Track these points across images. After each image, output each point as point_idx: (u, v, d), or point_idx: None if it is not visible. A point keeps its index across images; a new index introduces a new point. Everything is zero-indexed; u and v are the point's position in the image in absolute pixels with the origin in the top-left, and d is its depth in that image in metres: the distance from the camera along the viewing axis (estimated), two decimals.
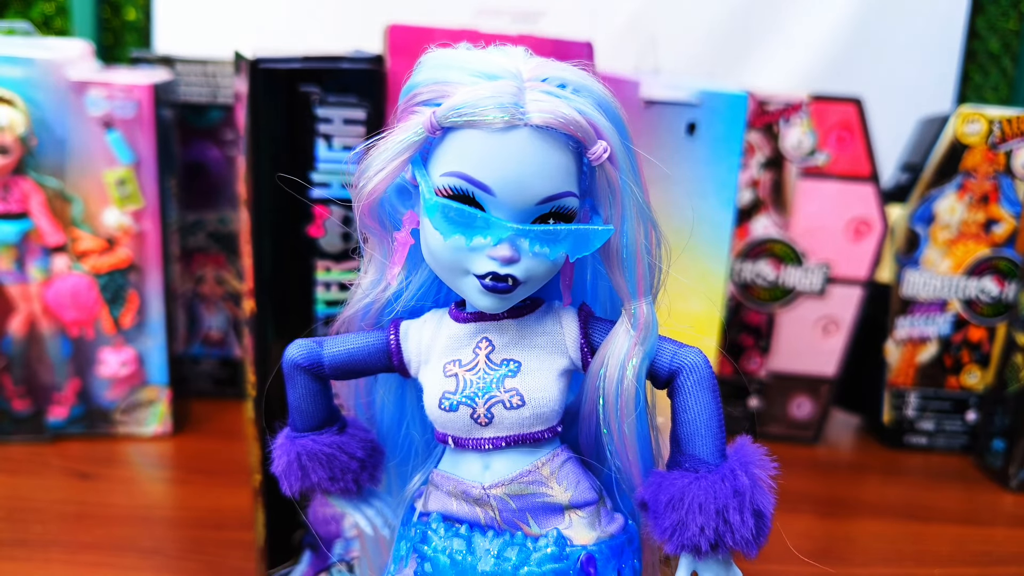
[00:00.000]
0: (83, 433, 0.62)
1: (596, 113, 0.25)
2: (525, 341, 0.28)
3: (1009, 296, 0.68)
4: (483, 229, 0.25)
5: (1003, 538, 0.57)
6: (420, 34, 0.46)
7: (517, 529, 0.28)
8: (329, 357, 0.30)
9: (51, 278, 0.59)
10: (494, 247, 0.25)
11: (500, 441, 0.27)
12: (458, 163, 0.25)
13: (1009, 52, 0.92)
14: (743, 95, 0.49)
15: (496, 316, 0.28)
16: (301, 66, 0.44)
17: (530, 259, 0.26)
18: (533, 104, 0.25)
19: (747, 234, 0.67)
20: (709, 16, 0.89)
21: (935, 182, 0.67)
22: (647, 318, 0.27)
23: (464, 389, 0.28)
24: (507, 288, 0.26)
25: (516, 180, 0.25)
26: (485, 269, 0.26)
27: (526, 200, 0.25)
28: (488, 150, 0.25)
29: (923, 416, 0.71)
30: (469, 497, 0.28)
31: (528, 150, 0.25)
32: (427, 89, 0.26)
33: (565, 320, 0.28)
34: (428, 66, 0.27)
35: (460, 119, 0.25)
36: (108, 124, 0.58)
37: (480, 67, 0.25)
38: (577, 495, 0.28)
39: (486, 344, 0.28)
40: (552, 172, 0.25)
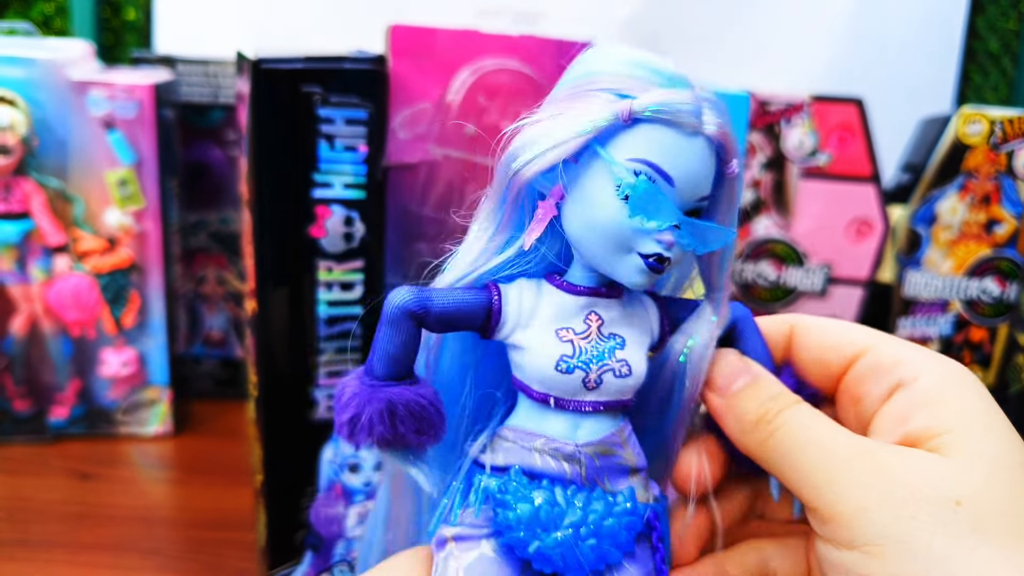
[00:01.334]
0: (84, 433, 0.62)
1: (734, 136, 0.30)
2: (626, 320, 0.31)
3: (1010, 296, 0.68)
4: (663, 215, 0.28)
5: None
6: (422, 34, 0.46)
7: (595, 486, 0.30)
8: (437, 307, 0.31)
9: (52, 278, 0.59)
10: (661, 232, 0.28)
11: (600, 405, 0.30)
12: (647, 152, 0.28)
13: (1009, 52, 0.92)
14: (745, 95, 0.49)
15: (603, 294, 0.31)
16: (303, 66, 0.44)
17: (677, 248, 0.29)
18: (709, 117, 0.29)
19: (748, 234, 0.67)
20: (709, 16, 0.89)
21: (936, 183, 0.67)
22: (726, 313, 0.32)
23: (581, 355, 0.30)
24: (663, 269, 0.29)
25: (692, 178, 0.29)
26: (652, 250, 0.29)
27: (693, 196, 0.29)
28: (676, 148, 0.28)
29: None
30: (560, 453, 0.30)
31: (703, 155, 0.29)
32: (608, 78, 0.29)
33: (647, 302, 0.32)
34: (601, 57, 0.30)
35: (657, 114, 0.28)
36: (109, 124, 0.58)
37: (664, 71, 0.29)
38: (640, 460, 0.31)
39: (596, 318, 0.31)
40: (710, 177, 0.29)
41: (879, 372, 0.29)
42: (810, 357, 0.32)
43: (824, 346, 0.31)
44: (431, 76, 0.46)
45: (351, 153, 0.45)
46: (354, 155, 0.45)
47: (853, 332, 0.31)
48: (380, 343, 0.31)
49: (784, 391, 0.30)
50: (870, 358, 0.29)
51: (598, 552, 0.29)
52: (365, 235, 0.46)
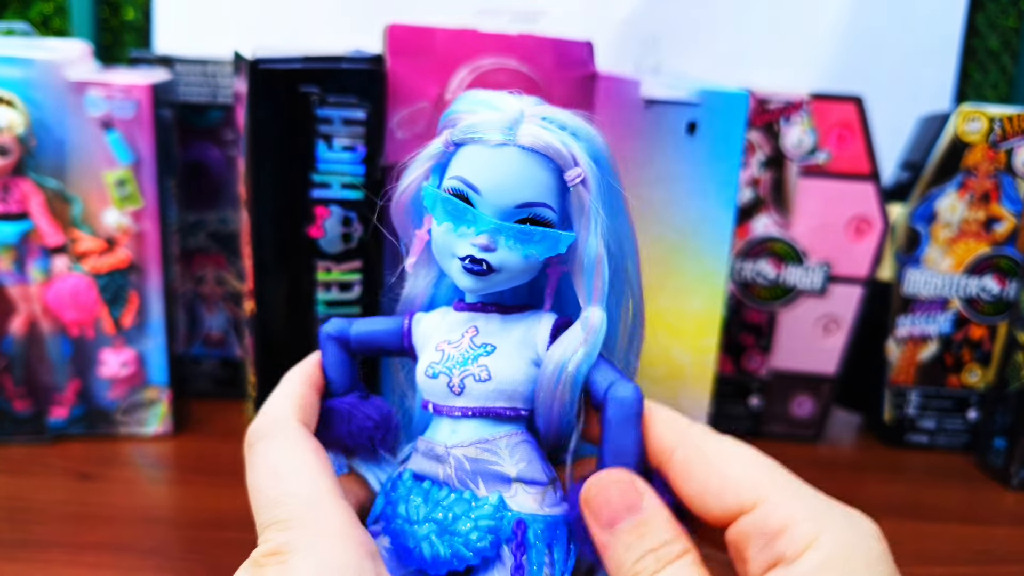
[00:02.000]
0: (84, 434, 0.62)
1: (578, 148, 0.32)
2: (504, 332, 0.34)
3: (1010, 294, 0.68)
4: (469, 220, 0.31)
5: (1004, 537, 0.57)
6: (420, 34, 0.46)
7: (467, 488, 0.32)
8: (355, 332, 0.36)
9: (51, 279, 0.59)
10: (476, 236, 0.31)
11: (468, 411, 0.33)
12: (461, 169, 0.32)
13: (1009, 50, 0.92)
14: (744, 94, 0.49)
15: (484, 309, 0.34)
16: (301, 66, 0.44)
17: (505, 251, 0.32)
18: (525, 130, 0.31)
19: (747, 233, 0.67)
20: (708, 15, 0.89)
21: (936, 180, 0.66)
22: (595, 323, 0.32)
23: (446, 361, 0.33)
24: (482, 271, 0.32)
25: (500, 185, 0.31)
26: (466, 252, 0.32)
27: (506, 202, 0.31)
28: (483, 160, 0.32)
29: (924, 414, 0.71)
30: (434, 455, 0.33)
31: (514, 164, 0.31)
32: (452, 117, 0.33)
33: (543, 321, 0.34)
34: (459, 100, 0.34)
35: (465, 135, 0.32)
36: (107, 124, 0.58)
37: (492, 102, 0.32)
38: (526, 471, 0.32)
39: (472, 330, 0.34)
40: (531, 184, 0.31)
41: (763, 537, 0.25)
42: (691, 492, 0.28)
43: (707, 490, 0.27)
44: (429, 75, 0.46)
45: (349, 153, 0.45)
46: (352, 155, 0.45)
47: (742, 481, 0.26)
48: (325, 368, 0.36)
49: (672, 540, 0.26)
50: (755, 517, 0.25)
51: (450, 549, 0.31)
52: (363, 236, 0.46)
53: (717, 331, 0.51)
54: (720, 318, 0.51)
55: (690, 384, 0.52)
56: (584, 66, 0.48)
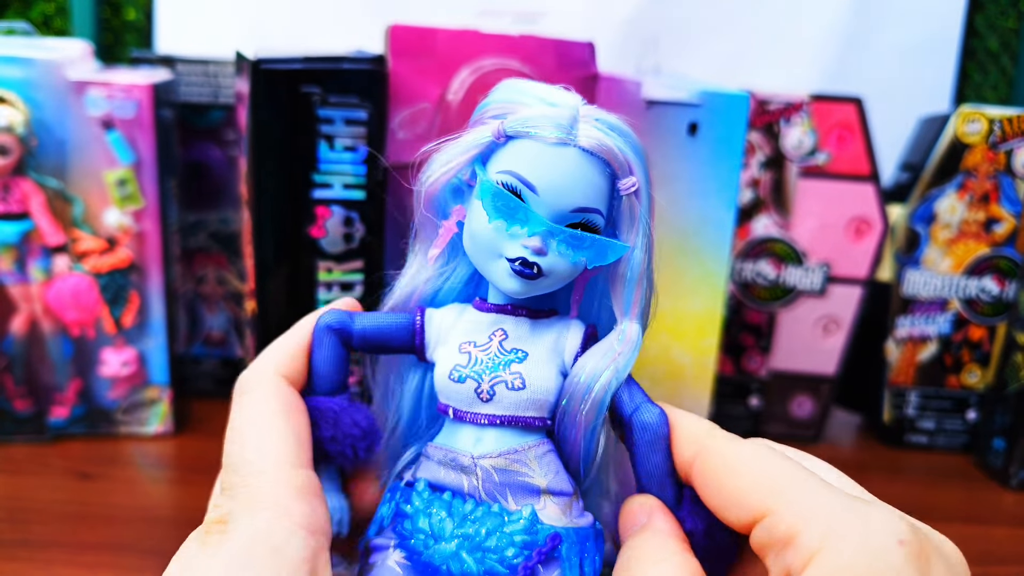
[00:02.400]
0: (84, 433, 0.62)
1: (632, 155, 0.31)
2: (535, 337, 0.32)
3: (1009, 295, 0.68)
4: (522, 220, 0.30)
5: (1003, 537, 0.57)
6: (422, 34, 0.46)
7: (495, 501, 0.30)
8: (359, 326, 0.33)
9: (52, 278, 0.59)
10: (528, 237, 0.30)
11: (496, 419, 0.31)
12: (514, 164, 0.30)
13: (1008, 51, 0.92)
14: (744, 95, 0.49)
15: (515, 312, 0.32)
16: (302, 67, 0.44)
17: (555, 256, 0.30)
18: (583, 131, 0.30)
19: (748, 233, 0.67)
20: (708, 15, 0.89)
21: (935, 181, 0.67)
22: (633, 337, 0.31)
23: (474, 365, 0.31)
24: (532, 275, 0.30)
25: (558, 186, 0.30)
26: (516, 254, 0.30)
27: (563, 205, 0.30)
28: (540, 158, 0.30)
29: (923, 415, 0.71)
30: (457, 465, 0.31)
31: (572, 165, 0.30)
32: (498, 106, 0.31)
33: (572, 330, 0.33)
34: (502, 88, 0.32)
35: (523, 129, 0.30)
36: (108, 124, 0.58)
37: (546, 95, 0.31)
38: (554, 483, 0.31)
39: (501, 333, 0.32)
40: (588, 188, 0.30)
41: (775, 547, 0.24)
42: (714, 504, 0.27)
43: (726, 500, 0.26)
44: (431, 76, 0.46)
45: (351, 153, 0.45)
46: (354, 155, 0.45)
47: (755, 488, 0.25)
48: (314, 363, 0.33)
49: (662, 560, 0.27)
50: (767, 525, 0.24)
51: (482, 566, 0.29)
52: (365, 235, 0.46)
53: (717, 331, 0.51)
54: (720, 318, 0.51)
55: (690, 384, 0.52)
56: (585, 67, 0.48)
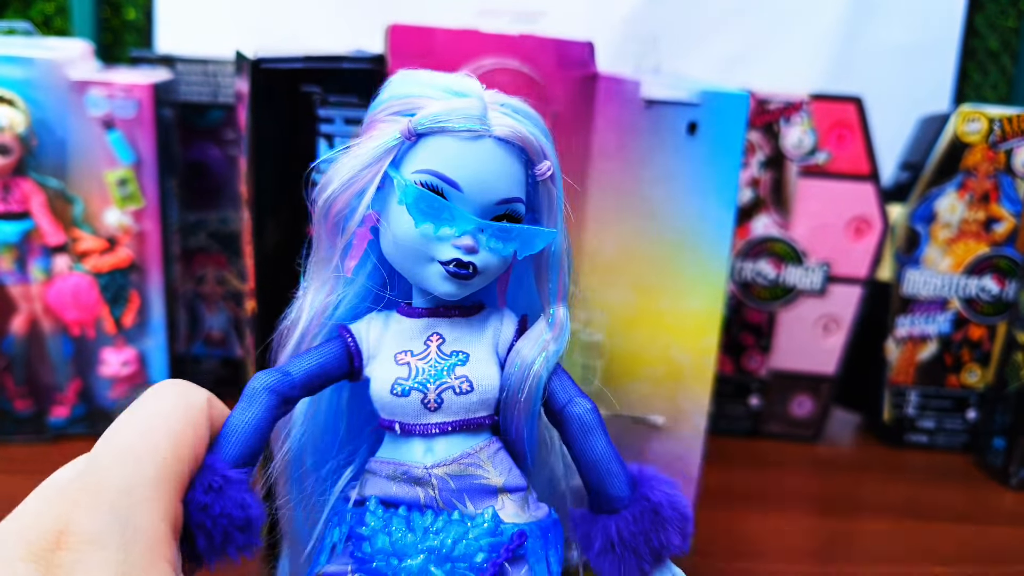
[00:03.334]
0: (85, 433, 0.62)
1: (543, 137, 0.30)
2: (472, 335, 0.31)
3: (1009, 295, 0.68)
4: (450, 220, 0.29)
5: (1003, 536, 0.57)
6: (421, 34, 0.46)
7: (454, 508, 0.30)
8: (299, 374, 0.31)
9: (52, 278, 0.59)
10: (458, 237, 0.29)
11: (447, 426, 0.30)
12: (431, 163, 0.29)
13: (1008, 50, 0.92)
14: (744, 94, 0.49)
15: (446, 313, 0.31)
16: (302, 66, 0.44)
17: (487, 252, 0.29)
18: (495, 120, 0.29)
19: (748, 233, 0.67)
20: (708, 15, 0.89)
21: (935, 181, 0.67)
22: (561, 323, 0.31)
23: (416, 376, 0.30)
24: (468, 275, 0.29)
25: (481, 180, 0.29)
26: (449, 256, 0.29)
27: (487, 199, 0.29)
28: (458, 153, 0.29)
29: (923, 414, 0.71)
30: (410, 478, 0.30)
31: (491, 157, 0.29)
32: (398, 102, 0.30)
33: (506, 321, 0.32)
34: (398, 83, 0.31)
35: (435, 126, 0.29)
36: (109, 124, 0.58)
37: (450, 85, 0.30)
38: (510, 480, 0.30)
39: (437, 337, 0.31)
40: (509, 178, 0.29)
41: None
42: None
43: None
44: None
45: None
46: None
47: None
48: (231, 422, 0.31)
49: None
50: None
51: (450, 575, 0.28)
52: None
53: (717, 331, 0.51)
54: (720, 318, 0.51)
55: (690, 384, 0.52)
56: (585, 66, 0.48)
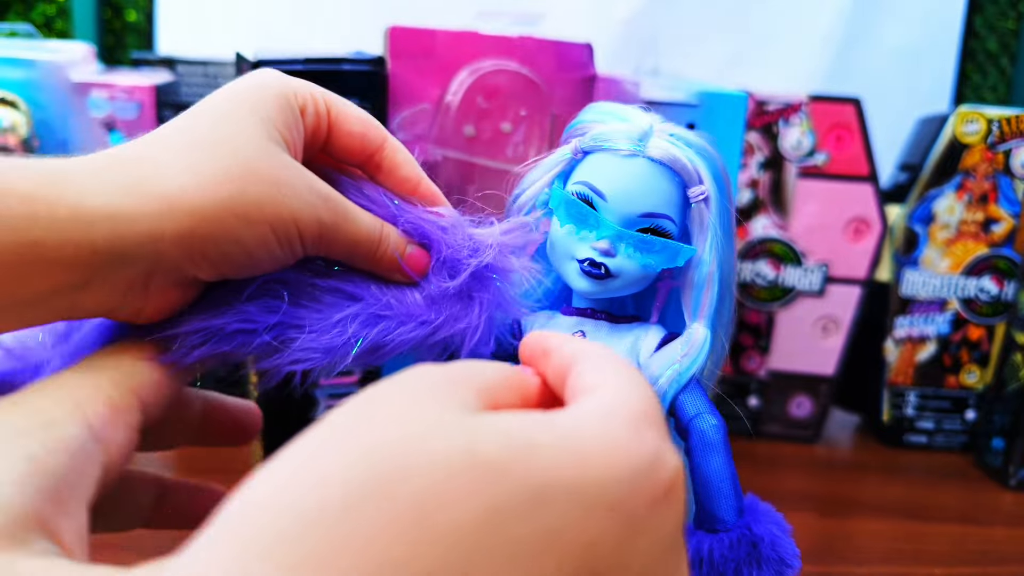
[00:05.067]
0: None
1: (704, 167, 0.32)
2: (612, 339, 0.33)
3: (1008, 295, 0.68)
4: (592, 224, 0.32)
5: (1002, 537, 0.57)
6: (421, 36, 0.46)
7: None
8: None
9: None
10: (596, 240, 0.32)
11: None
12: (588, 175, 0.33)
13: (1007, 52, 0.92)
14: (742, 95, 0.49)
15: (594, 315, 0.34)
16: (302, 67, 0.44)
17: (624, 258, 0.32)
18: (654, 143, 0.32)
19: (746, 234, 0.67)
20: (707, 16, 0.89)
21: (934, 182, 0.67)
22: (698, 341, 0.32)
23: None
24: (600, 275, 0.32)
25: (626, 193, 0.32)
26: (585, 255, 0.32)
27: (630, 210, 0.32)
28: (611, 168, 0.32)
29: (922, 415, 0.71)
30: None
31: (641, 174, 0.32)
32: (581, 126, 0.34)
33: (650, 334, 0.34)
34: (587, 110, 0.35)
35: (596, 144, 0.32)
36: (110, 126, 0.58)
37: (622, 113, 0.33)
38: None
39: (580, 334, 0.34)
40: (655, 195, 0.32)
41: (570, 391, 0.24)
42: None
43: None
44: (430, 77, 0.46)
45: None
46: None
47: None
48: None
49: None
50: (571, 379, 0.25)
51: None
52: None
53: None
54: None
55: None
56: (584, 68, 0.48)
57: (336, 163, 0.33)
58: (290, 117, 0.29)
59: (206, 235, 0.26)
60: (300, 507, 0.17)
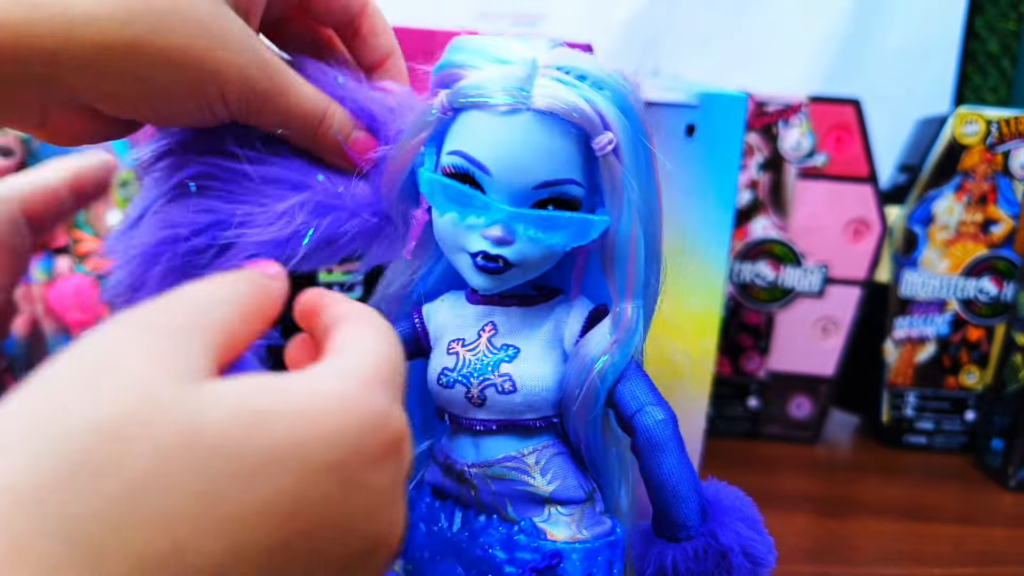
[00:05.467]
0: None
1: (607, 105, 0.25)
2: (528, 329, 0.28)
3: (1007, 296, 0.69)
4: (478, 209, 0.26)
5: (1002, 537, 0.57)
6: (421, 36, 0.46)
7: (494, 512, 0.28)
8: None
9: (53, 279, 0.59)
10: (487, 227, 0.26)
11: (491, 424, 0.28)
12: (461, 142, 0.26)
13: (1008, 53, 0.92)
14: (742, 96, 0.49)
15: (505, 302, 0.28)
16: None
17: (525, 243, 0.26)
18: (540, 90, 0.25)
19: (746, 235, 0.67)
20: (707, 17, 0.89)
21: (933, 183, 0.67)
22: (629, 322, 0.27)
23: (462, 368, 0.28)
24: (497, 268, 0.26)
25: (513, 162, 0.25)
26: (477, 247, 0.26)
27: (523, 183, 0.26)
28: (489, 131, 0.25)
29: (922, 416, 0.71)
30: (453, 473, 0.29)
31: (528, 134, 0.25)
32: (445, 72, 0.27)
33: (573, 314, 0.29)
34: (450, 50, 0.28)
35: (467, 100, 0.26)
36: None
37: (495, 53, 0.26)
38: (560, 490, 0.28)
39: (490, 328, 0.28)
40: (552, 158, 0.25)
41: None
42: None
43: None
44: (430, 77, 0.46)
45: None
46: None
47: None
48: None
49: None
50: None
51: None
52: None
53: (716, 332, 0.51)
54: (718, 319, 0.51)
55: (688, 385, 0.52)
56: None
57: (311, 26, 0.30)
58: None
59: (108, 68, 0.24)
60: (10, 484, 0.16)
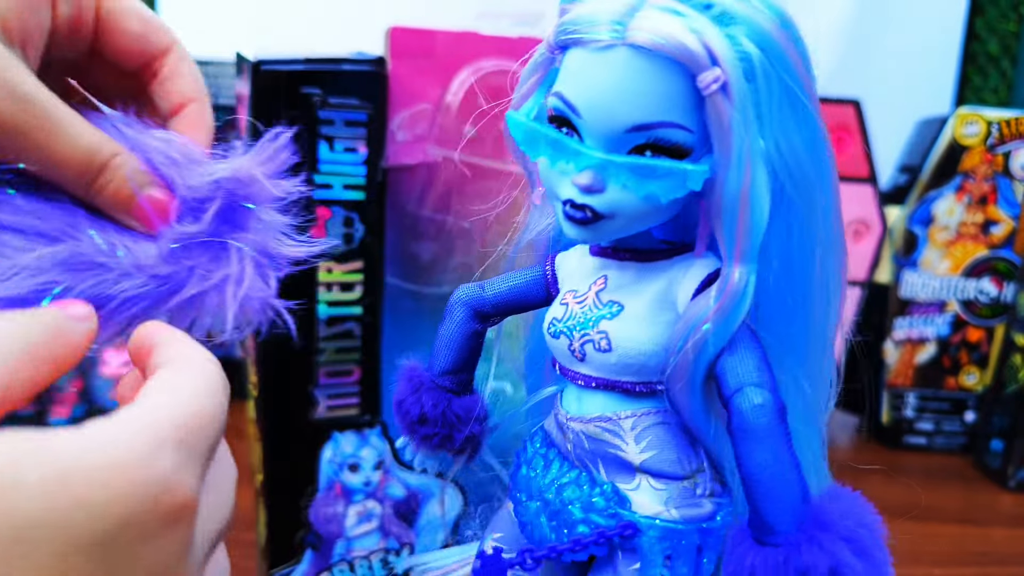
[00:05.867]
0: None
1: (719, 38, 0.22)
2: (639, 287, 0.26)
3: (1007, 297, 0.69)
4: (567, 154, 0.24)
5: (1001, 538, 0.57)
6: (421, 36, 0.46)
7: (586, 469, 0.27)
8: (492, 293, 0.30)
9: None
10: (576, 174, 0.23)
11: (591, 380, 0.26)
12: (561, 83, 0.24)
13: (1008, 54, 0.92)
14: None
15: (616, 255, 0.27)
16: (303, 68, 0.44)
17: (617, 191, 0.23)
18: (640, 22, 0.22)
19: None
20: None
21: (933, 183, 0.67)
22: (736, 288, 0.23)
23: (568, 319, 0.27)
24: (586, 219, 0.24)
25: (602, 103, 0.23)
26: (566, 195, 0.24)
27: (613, 126, 0.23)
28: (584, 70, 0.23)
29: (922, 416, 0.71)
30: (557, 423, 0.28)
31: (621, 71, 0.22)
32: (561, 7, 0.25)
33: (691, 273, 0.25)
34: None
35: (567, 36, 0.23)
36: None
37: None
38: (653, 461, 0.26)
39: (602, 282, 0.27)
40: (647, 98, 0.22)
41: None
42: None
43: None
44: (430, 78, 0.47)
45: (351, 155, 0.45)
46: (354, 156, 0.45)
47: None
48: (438, 335, 0.31)
49: None
50: None
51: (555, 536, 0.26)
52: (365, 236, 0.47)
53: None
54: None
55: None
56: None
57: None
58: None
59: None
60: None
